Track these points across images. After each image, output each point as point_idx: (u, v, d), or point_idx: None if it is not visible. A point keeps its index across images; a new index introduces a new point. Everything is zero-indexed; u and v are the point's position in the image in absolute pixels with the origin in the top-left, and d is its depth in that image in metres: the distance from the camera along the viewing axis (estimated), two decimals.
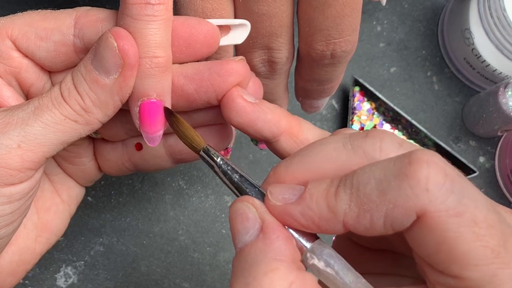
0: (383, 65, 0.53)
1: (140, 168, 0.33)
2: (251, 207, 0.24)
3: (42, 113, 0.26)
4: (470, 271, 0.21)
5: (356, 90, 0.51)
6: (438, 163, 0.21)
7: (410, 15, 0.54)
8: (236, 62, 0.28)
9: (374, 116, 0.52)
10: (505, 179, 0.51)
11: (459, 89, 0.53)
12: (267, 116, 0.28)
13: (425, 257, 0.22)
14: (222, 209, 0.50)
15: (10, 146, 0.26)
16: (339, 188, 0.22)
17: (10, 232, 0.28)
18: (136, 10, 0.26)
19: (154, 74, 0.27)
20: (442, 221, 0.20)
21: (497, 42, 0.46)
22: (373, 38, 0.53)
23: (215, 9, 0.29)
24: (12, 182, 0.26)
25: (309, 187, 0.23)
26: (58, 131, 0.27)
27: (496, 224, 0.21)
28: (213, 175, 0.51)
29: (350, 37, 0.30)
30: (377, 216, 0.21)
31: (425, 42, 0.54)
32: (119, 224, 0.50)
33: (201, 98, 0.28)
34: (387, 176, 0.21)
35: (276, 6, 0.29)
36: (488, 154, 0.52)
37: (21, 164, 0.26)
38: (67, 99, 0.27)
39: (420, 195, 0.21)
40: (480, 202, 0.21)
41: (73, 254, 0.49)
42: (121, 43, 0.26)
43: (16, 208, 0.28)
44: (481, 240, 0.20)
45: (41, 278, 0.48)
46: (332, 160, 0.24)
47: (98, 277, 0.49)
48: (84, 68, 0.27)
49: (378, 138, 0.23)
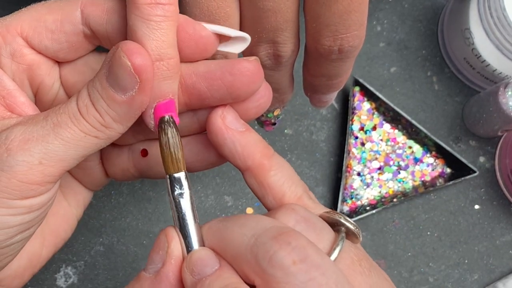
0: (383, 65, 0.53)
1: (145, 174, 0.33)
2: (166, 244, 0.26)
3: (62, 131, 0.26)
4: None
5: (356, 90, 0.51)
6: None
7: (410, 15, 0.54)
8: (248, 62, 0.28)
9: (374, 116, 0.52)
10: (505, 179, 0.51)
11: (459, 89, 0.53)
12: (237, 148, 0.28)
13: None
14: (222, 209, 0.50)
15: (32, 162, 0.26)
16: None
17: (26, 238, 0.28)
18: (146, 10, 0.25)
19: (170, 76, 0.27)
20: None
21: (497, 42, 0.46)
22: (373, 38, 0.53)
23: (220, 7, 0.29)
24: (32, 195, 0.26)
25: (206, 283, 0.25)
26: (79, 147, 0.27)
27: None
28: (213, 175, 0.51)
29: (358, 32, 0.30)
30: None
31: (425, 42, 0.54)
32: (119, 224, 0.49)
33: (214, 96, 0.28)
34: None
35: (281, 2, 0.29)
36: (488, 154, 0.52)
37: (42, 179, 0.26)
38: (85, 116, 0.26)
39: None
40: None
41: (73, 254, 0.49)
42: (135, 61, 0.25)
43: (35, 217, 0.28)
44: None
45: (41, 278, 0.48)
46: (236, 245, 0.25)
47: (98, 277, 0.49)
48: (100, 85, 0.26)
49: (272, 251, 0.24)
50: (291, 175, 0.29)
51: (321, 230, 0.27)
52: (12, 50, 0.28)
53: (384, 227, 0.51)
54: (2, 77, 0.29)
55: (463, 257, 0.51)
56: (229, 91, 0.28)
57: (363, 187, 0.51)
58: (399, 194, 0.51)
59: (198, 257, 0.26)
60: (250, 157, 0.29)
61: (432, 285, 0.50)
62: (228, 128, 0.28)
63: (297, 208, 0.27)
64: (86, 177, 0.34)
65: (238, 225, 0.26)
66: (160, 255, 0.26)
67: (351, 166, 0.51)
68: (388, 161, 0.51)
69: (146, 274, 0.26)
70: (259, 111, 0.30)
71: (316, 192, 0.51)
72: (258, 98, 0.29)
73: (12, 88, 0.29)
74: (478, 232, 0.51)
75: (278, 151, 0.51)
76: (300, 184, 0.29)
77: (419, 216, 0.51)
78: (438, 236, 0.51)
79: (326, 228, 0.27)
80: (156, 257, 0.26)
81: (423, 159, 0.52)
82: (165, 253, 0.26)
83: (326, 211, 0.28)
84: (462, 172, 0.51)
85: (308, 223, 0.26)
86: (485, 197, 0.52)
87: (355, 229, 0.27)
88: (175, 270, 0.26)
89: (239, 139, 0.28)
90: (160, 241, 0.27)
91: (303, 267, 0.23)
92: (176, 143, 0.27)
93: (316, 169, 0.52)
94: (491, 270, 0.51)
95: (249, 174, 0.29)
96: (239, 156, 0.29)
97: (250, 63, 0.28)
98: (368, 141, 0.51)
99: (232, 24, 0.30)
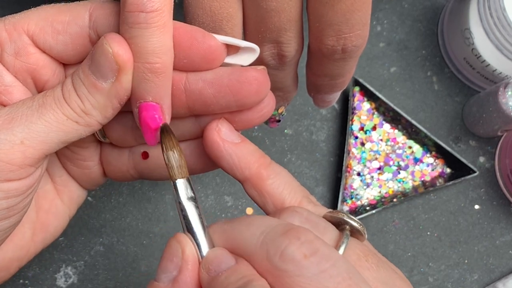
0: (383, 65, 0.53)
1: (144, 176, 0.33)
2: (179, 250, 0.26)
3: (46, 112, 0.27)
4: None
5: (356, 90, 0.51)
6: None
7: (410, 15, 0.54)
8: (256, 71, 0.28)
9: (374, 116, 0.52)
10: (505, 179, 0.51)
11: (459, 89, 0.53)
12: (234, 159, 0.29)
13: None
14: (222, 209, 0.50)
15: (14, 141, 0.26)
16: None
17: (7, 227, 0.28)
18: (131, 18, 0.26)
19: (148, 78, 0.27)
20: None
21: (497, 42, 0.46)
22: (373, 38, 0.53)
23: (223, 7, 0.29)
24: (11, 178, 0.27)
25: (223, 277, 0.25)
26: (60, 131, 0.27)
27: None
28: (213, 175, 0.51)
29: (361, 31, 0.30)
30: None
31: (425, 42, 0.54)
32: (119, 224, 0.49)
33: (219, 103, 0.28)
34: None
35: (284, 2, 0.29)
36: (488, 154, 0.52)
37: (22, 160, 0.27)
38: (68, 101, 0.27)
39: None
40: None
41: (73, 254, 0.49)
42: (116, 48, 0.26)
43: (13, 204, 0.28)
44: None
45: (41, 278, 0.48)
46: (245, 245, 0.25)
47: (98, 277, 0.49)
48: (82, 72, 0.27)
49: (282, 246, 0.24)
50: (289, 182, 0.30)
51: (325, 230, 0.27)
52: (17, 48, 0.28)
53: (384, 227, 0.51)
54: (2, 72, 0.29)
55: (463, 257, 0.51)
56: (235, 98, 0.28)
57: (363, 187, 0.51)
58: (399, 194, 0.51)
59: (214, 256, 0.26)
60: (248, 167, 0.29)
61: (432, 285, 0.50)
62: (224, 141, 0.29)
63: (300, 210, 0.27)
64: (83, 175, 0.34)
65: (245, 225, 0.26)
66: (174, 262, 0.26)
67: (351, 166, 0.51)
68: (388, 161, 0.51)
69: (159, 284, 0.26)
70: (262, 120, 0.30)
71: (316, 192, 0.51)
72: (263, 107, 0.30)
73: (11, 85, 0.29)
74: (478, 232, 0.51)
75: (278, 151, 0.51)
76: (299, 189, 0.30)
77: (419, 216, 0.51)
78: (438, 236, 0.51)
79: (330, 227, 0.27)
80: (170, 265, 0.26)
81: (423, 159, 0.52)
82: (180, 260, 0.26)
83: (329, 211, 0.28)
84: (462, 172, 0.51)
85: (311, 224, 0.27)
86: (485, 197, 0.52)
87: (359, 226, 0.27)
88: (193, 275, 0.26)
89: (235, 150, 0.29)
90: (173, 248, 0.26)
91: (314, 259, 0.24)
92: (178, 151, 0.27)
93: (316, 169, 0.52)
94: (491, 270, 0.51)
95: (248, 184, 0.29)
96: (236, 167, 0.29)
97: (258, 72, 0.28)
98: (368, 141, 0.51)
99: (235, 25, 0.30)
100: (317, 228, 0.27)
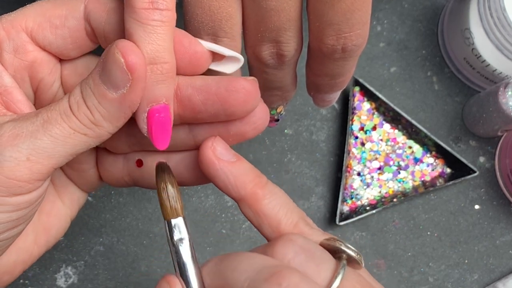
0: (383, 65, 0.53)
1: (139, 184, 0.33)
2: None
3: (51, 127, 0.26)
4: None
5: (356, 90, 0.51)
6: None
7: (410, 15, 0.54)
8: (246, 81, 0.28)
9: (374, 116, 0.52)
10: (505, 179, 0.51)
11: (459, 89, 0.53)
12: (229, 179, 0.28)
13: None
14: (222, 209, 0.50)
15: (19, 158, 0.26)
16: None
17: (14, 235, 0.28)
18: (144, 14, 0.25)
19: (164, 80, 0.27)
20: None
21: (497, 42, 0.46)
22: (373, 38, 0.53)
23: (222, 7, 0.29)
24: (20, 193, 0.26)
25: None
26: (67, 144, 0.27)
27: None
28: None
29: (361, 30, 0.29)
30: None
31: (425, 42, 0.54)
32: (119, 224, 0.49)
33: (208, 111, 0.28)
34: None
35: (284, 1, 0.29)
36: (488, 154, 0.52)
37: (29, 176, 0.26)
38: (76, 113, 0.26)
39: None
40: None
41: (73, 254, 0.49)
42: (128, 58, 0.25)
43: (23, 215, 0.27)
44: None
45: (41, 278, 0.48)
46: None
47: (98, 277, 0.49)
48: (92, 81, 0.26)
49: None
50: (286, 202, 0.29)
51: (321, 259, 0.26)
52: (16, 46, 0.28)
53: (384, 227, 0.51)
54: (1, 73, 0.29)
55: (463, 257, 0.51)
56: (223, 107, 0.28)
57: (363, 187, 0.51)
58: (399, 194, 0.51)
59: None
60: (243, 186, 0.29)
61: (432, 285, 0.50)
62: (219, 160, 0.28)
63: (295, 238, 0.27)
64: (80, 179, 0.34)
65: (231, 269, 0.26)
66: None
67: (351, 166, 0.51)
68: (388, 161, 0.51)
69: None
70: (256, 133, 0.30)
71: (316, 192, 0.51)
72: (255, 120, 0.29)
73: (10, 85, 0.29)
74: (478, 232, 0.51)
75: (278, 151, 0.51)
76: (295, 210, 0.29)
77: (419, 216, 0.51)
78: (438, 236, 0.51)
79: (326, 256, 0.27)
80: None
81: (423, 159, 0.52)
82: None
83: (326, 238, 0.28)
84: (462, 172, 0.51)
85: (307, 254, 0.26)
86: (485, 197, 0.52)
87: (356, 255, 0.27)
88: None
89: (231, 170, 0.28)
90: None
91: None
92: (174, 190, 0.27)
93: (316, 169, 0.52)
94: (491, 270, 0.51)
95: (244, 204, 0.29)
96: (232, 186, 0.29)
97: (247, 82, 0.28)
98: (368, 141, 0.51)
99: (234, 24, 0.29)
100: (312, 258, 0.26)
